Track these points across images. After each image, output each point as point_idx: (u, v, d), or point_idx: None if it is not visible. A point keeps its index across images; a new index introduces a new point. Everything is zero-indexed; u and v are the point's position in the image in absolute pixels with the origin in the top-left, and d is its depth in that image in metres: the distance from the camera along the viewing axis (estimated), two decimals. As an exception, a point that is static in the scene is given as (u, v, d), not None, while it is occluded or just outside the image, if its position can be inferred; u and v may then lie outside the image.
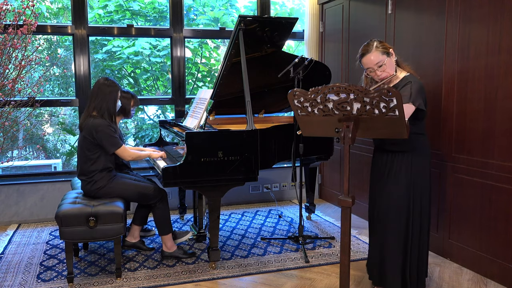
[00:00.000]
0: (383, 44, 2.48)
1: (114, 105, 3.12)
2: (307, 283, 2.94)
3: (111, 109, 3.09)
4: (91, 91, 3.13)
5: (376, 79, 2.52)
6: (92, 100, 3.09)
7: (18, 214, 4.23)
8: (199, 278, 2.98)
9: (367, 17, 4.10)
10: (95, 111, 3.06)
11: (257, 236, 3.81)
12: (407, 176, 2.50)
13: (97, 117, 3.04)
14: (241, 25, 3.15)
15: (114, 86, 3.12)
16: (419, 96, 2.39)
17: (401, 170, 2.51)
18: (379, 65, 2.44)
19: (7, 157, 5.33)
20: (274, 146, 3.25)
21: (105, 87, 3.09)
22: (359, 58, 2.53)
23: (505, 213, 2.81)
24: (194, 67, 6.68)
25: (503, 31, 2.77)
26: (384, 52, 2.45)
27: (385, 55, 2.45)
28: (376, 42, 2.48)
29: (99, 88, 3.09)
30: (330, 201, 4.93)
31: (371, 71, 2.49)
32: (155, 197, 3.16)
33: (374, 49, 2.45)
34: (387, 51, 2.46)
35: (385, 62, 2.44)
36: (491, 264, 2.93)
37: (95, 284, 2.90)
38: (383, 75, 2.48)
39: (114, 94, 3.11)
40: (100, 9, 6.31)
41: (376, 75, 2.49)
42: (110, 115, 3.09)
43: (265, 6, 4.93)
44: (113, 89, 3.11)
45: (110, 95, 3.09)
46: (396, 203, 2.52)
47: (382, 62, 2.44)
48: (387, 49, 2.46)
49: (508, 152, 2.77)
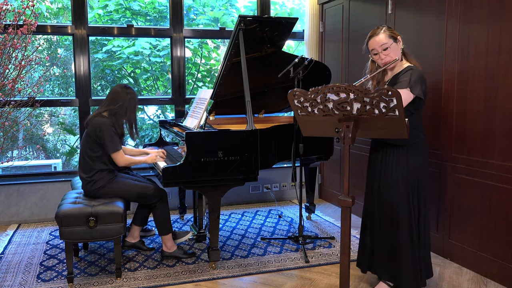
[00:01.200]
0: (392, 30, 2.52)
1: (134, 113, 3.16)
2: (307, 283, 2.94)
3: (132, 117, 3.14)
4: (108, 97, 3.12)
5: (379, 63, 2.53)
6: (107, 104, 3.09)
7: (18, 214, 4.23)
8: (199, 278, 2.98)
9: (367, 17, 4.10)
10: (106, 113, 3.07)
11: (257, 236, 3.81)
12: (404, 171, 2.51)
13: (105, 117, 3.05)
14: (241, 25, 3.15)
15: (133, 93, 3.15)
16: (418, 84, 2.39)
17: (398, 164, 2.52)
18: (384, 47, 2.46)
19: (7, 157, 5.33)
20: (274, 146, 3.25)
21: (125, 95, 3.10)
22: (367, 41, 2.55)
23: (505, 213, 2.81)
24: (194, 67, 6.68)
25: (503, 31, 2.77)
26: (391, 36, 2.48)
27: (392, 39, 2.48)
28: (385, 27, 2.52)
29: (120, 95, 3.10)
30: (330, 201, 4.93)
31: (375, 53, 2.51)
32: (155, 197, 3.16)
33: (382, 32, 2.49)
34: (395, 36, 2.49)
35: (390, 45, 2.46)
36: (491, 264, 2.93)
37: (95, 284, 2.91)
38: (387, 59, 2.49)
39: (133, 101, 3.14)
40: (100, 9, 6.31)
41: (380, 58, 2.50)
42: (131, 123, 3.15)
43: (265, 6, 4.93)
44: (133, 97, 3.14)
45: (130, 102, 3.11)
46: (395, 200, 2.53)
47: (388, 45, 2.46)
48: (395, 35, 2.50)
49: (508, 152, 2.77)
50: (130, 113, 3.13)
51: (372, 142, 2.71)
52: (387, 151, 2.56)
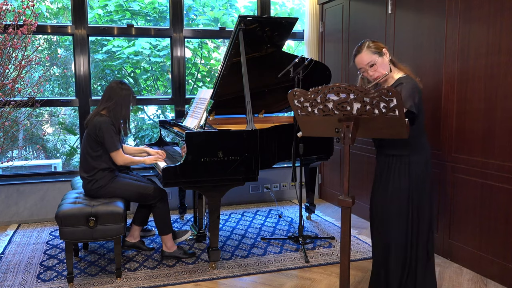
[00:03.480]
0: (376, 43, 2.46)
1: (128, 109, 3.16)
2: (307, 283, 2.94)
3: (126, 112, 3.14)
4: (105, 94, 3.14)
5: (370, 79, 2.50)
6: (104, 101, 3.11)
7: (18, 214, 4.23)
8: (199, 278, 2.98)
9: (367, 17, 4.10)
10: (105, 111, 3.08)
11: (257, 236, 3.81)
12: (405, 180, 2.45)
13: (104, 115, 3.06)
14: (241, 25, 3.15)
15: (128, 89, 3.15)
16: (409, 98, 2.32)
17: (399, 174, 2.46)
18: (370, 64, 2.43)
19: (7, 157, 5.33)
20: (274, 146, 3.25)
21: (120, 91, 3.11)
22: (353, 59, 2.52)
23: (505, 213, 2.81)
24: (194, 67, 6.68)
25: (503, 31, 2.77)
26: (375, 52, 2.43)
27: (377, 55, 2.43)
28: (368, 42, 2.46)
29: (114, 91, 3.11)
30: (330, 201, 4.93)
31: (363, 71, 2.48)
32: (155, 197, 3.16)
33: (366, 49, 2.44)
34: (379, 50, 2.44)
35: (376, 61, 2.42)
36: (491, 264, 2.93)
37: (95, 284, 2.90)
38: (376, 75, 2.45)
39: (128, 98, 3.14)
40: (100, 9, 6.31)
41: (369, 75, 2.47)
42: (124, 118, 3.15)
43: (265, 6, 4.93)
44: (128, 93, 3.14)
45: (125, 98, 3.12)
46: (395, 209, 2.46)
47: (373, 61, 2.42)
48: (379, 49, 2.44)
49: (508, 152, 2.77)
50: (124, 109, 3.13)
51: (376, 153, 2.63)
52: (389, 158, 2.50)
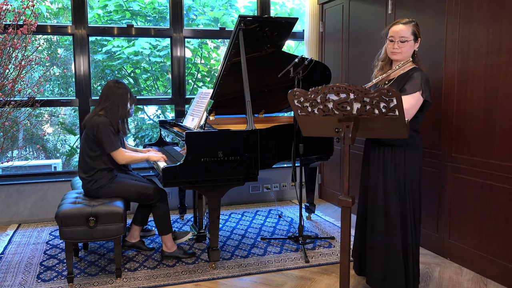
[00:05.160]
0: (417, 26, 2.50)
1: (125, 108, 3.15)
2: (307, 283, 2.94)
3: (123, 112, 3.13)
4: (102, 94, 3.14)
5: (389, 52, 2.51)
6: (102, 102, 3.11)
7: (18, 214, 4.23)
8: (199, 278, 2.98)
9: (367, 17, 4.10)
10: (102, 111, 3.08)
11: (257, 236, 3.81)
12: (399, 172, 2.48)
13: (102, 115, 3.05)
14: (241, 25, 3.15)
15: (125, 88, 3.14)
16: (427, 87, 2.42)
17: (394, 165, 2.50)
18: (402, 40, 2.45)
19: (7, 157, 5.33)
20: (274, 146, 3.25)
21: (116, 90, 3.11)
22: (391, 25, 2.52)
23: (505, 213, 2.81)
24: (194, 67, 6.68)
25: (503, 31, 2.77)
26: (414, 32, 2.46)
27: (413, 37, 2.46)
28: (415, 22, 2.50)
29: (111, 91, 3.10)
30: (330, 201, 4.93)
31: (391, 40, 2.48)
32: (155, 197, 3.16)
33: (409, 24, 2.46)
34: (417, 36, 2.48)
35: (409, 40, 2.45)
36: (491, 264, 2.93)
37: (95, 284, 2.90)
38: (397, 52, 2.46)
39: (125, 97, 3.13)
40: (99, 9, 6.31)
41: (393, 48, 2.47)
42: (122, 118, 3.14)
43: (265, 6, 4.93)
44: (124, 91, 3.13)
45: (122, 97, 3.11)
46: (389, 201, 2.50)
47: (407, 39, 2.44)
48: (418, 34, 2.48)
49: (508, 152, 2.77)
50: (122, 108, 3.12)
51: (367, 141, 2.69)
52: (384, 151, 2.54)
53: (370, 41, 3.97)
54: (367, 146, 2.69)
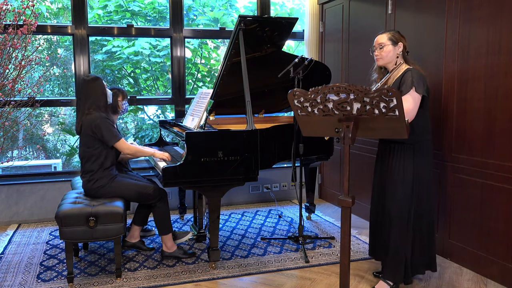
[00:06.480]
0: (397, 34, 2.69)
1: (105, 96, 3.12)
2: (307, 283, 2.94)
3: (103, 100, 3.09)
4: (82, 92, 3.10)
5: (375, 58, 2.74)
6: (85, 99, 3.08)
7: (18, 214, 4.23)
8: (199, 278, 2.98)
9: (367, 17, 4.10)
10: (90, 109, 3.06)
11: (257, 236, 3.81)
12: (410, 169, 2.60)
13: (92, 112, 3.04)
14: (241, 25, 3.15)
15: (97, 79, 3.11)
16: (420, 82, 2.51)
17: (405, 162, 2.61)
18: (381, 46, 2.67)
19: (7, 157, 5.33)
20: (274, 146, 3.25)
21: (92, 83, 3.08)
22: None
23: (505, 213, 2.81)
24: (194, 67, 6.68)
25: (503, 31, 2.77)
26: (391, 38, 2.66)
27: (390, 42, 2.66)
28: (394, 31, 2.72)
29: (88, 86, 3.08)
30: (330, 201, 4.93)
31: (375, 49, 2.72)
32: (155, 197, 3.16)
33: (386, 33, 2.70)
34: (395, 40, 2.66)
35: (386, 46, 2.65)
36: (491, 264, 2.93)
37: (95, 284, 2.90)
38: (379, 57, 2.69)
39: (101, 86, 3.10)
40: (100, 9, 6.31)
41: (375, 54, 2.72)
42: (105, 107, 3.11)
43: (265, 6, 4.93)
44: (98, 82, 3.10)
45: (98, 88, 3.09)
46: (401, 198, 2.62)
47: (384, 44, 2.66)
48: (396, 40, 2.67)
49: (508, 152, 2.77)
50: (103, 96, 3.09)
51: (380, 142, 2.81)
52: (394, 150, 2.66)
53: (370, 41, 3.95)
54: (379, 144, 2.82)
